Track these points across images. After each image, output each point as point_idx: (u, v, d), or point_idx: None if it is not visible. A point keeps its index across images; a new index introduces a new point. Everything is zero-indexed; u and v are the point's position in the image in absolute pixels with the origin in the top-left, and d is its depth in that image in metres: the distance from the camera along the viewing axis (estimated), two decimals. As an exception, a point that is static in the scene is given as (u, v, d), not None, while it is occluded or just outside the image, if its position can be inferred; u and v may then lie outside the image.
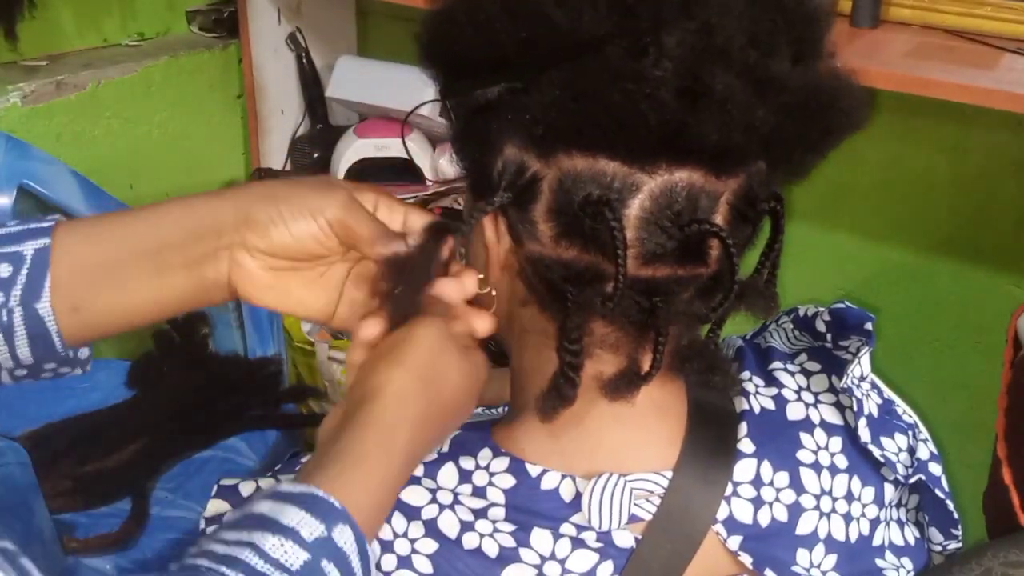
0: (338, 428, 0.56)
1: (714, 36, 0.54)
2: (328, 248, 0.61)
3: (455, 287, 0.62)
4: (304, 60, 1.82)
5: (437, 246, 0.62)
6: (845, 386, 0.66)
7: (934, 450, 0.70)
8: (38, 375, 0.62)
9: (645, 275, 0.58)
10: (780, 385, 0.68)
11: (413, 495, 0.61)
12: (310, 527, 0.50)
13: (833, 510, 0.64)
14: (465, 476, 0.62)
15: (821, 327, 0.71)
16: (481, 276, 0.63)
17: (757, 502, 0.62)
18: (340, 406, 0.58)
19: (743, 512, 0.62)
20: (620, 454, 0.63)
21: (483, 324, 0.62)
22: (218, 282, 0.61)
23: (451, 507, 0.61)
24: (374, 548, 0.59)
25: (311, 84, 1.83)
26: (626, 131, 0.55)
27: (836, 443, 0.66)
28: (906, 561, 0.68)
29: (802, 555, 0.63)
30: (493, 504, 0.61)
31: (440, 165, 1.69)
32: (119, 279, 0.60)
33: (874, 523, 0.66)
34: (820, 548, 0.63)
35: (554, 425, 0.62)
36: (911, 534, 0.69)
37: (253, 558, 0.49)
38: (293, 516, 0.51)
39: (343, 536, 0.51)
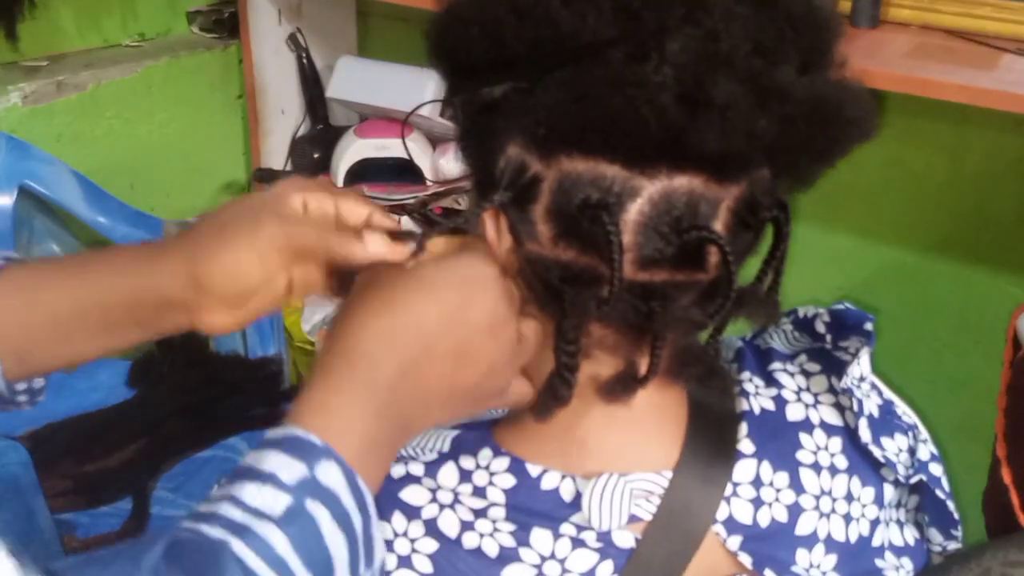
0: (311, 374, 0.55)
1: (719, 43, 0.54)
2: (277, 269, 0.60)
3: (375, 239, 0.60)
4: (304, 60, 1.82)
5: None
6: (845, 387, 0.66)
7: (934, 451, 0.70)
8: None
9: (642, 279, 0.58)
10: (780, 386, 0.68)
11: (413, 495, 0.61)
12: (290, 469, 0.48)
13: (833, 510, 0.64)
14: (465, 476, 0.62)
15: (821, 328, 0.71)
16: None
17: (757, 502, 0.63)
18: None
19: (743, 512, 0.62)
20: (620, 454, 0.63)
21: (482, 266, 0.59)
22: (177, 331, 0.61)
23: (451, 507, 0.61)
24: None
25: (311, 84, 1.83)
26: (626, 136, 0.55)
27: (836, 444, 0.66)
28: (906, 561, 0.68)
29: (802, 555, 0.63)
30: (493, 504, 0.61)
31: (440, 165, 1.70)
32: (67, 334, 0.59)
33: (874, 523, 0.66)
34: (820, 548, 0.64)
35: (554, 425, 0.62)
36: (911, 534, 0.70)
37: (231, 510, 0.47)
38: (272, 460, 0.49)
39: (328, 474, 0.49)
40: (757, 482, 0.63)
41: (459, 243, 0.61)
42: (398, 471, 0.62)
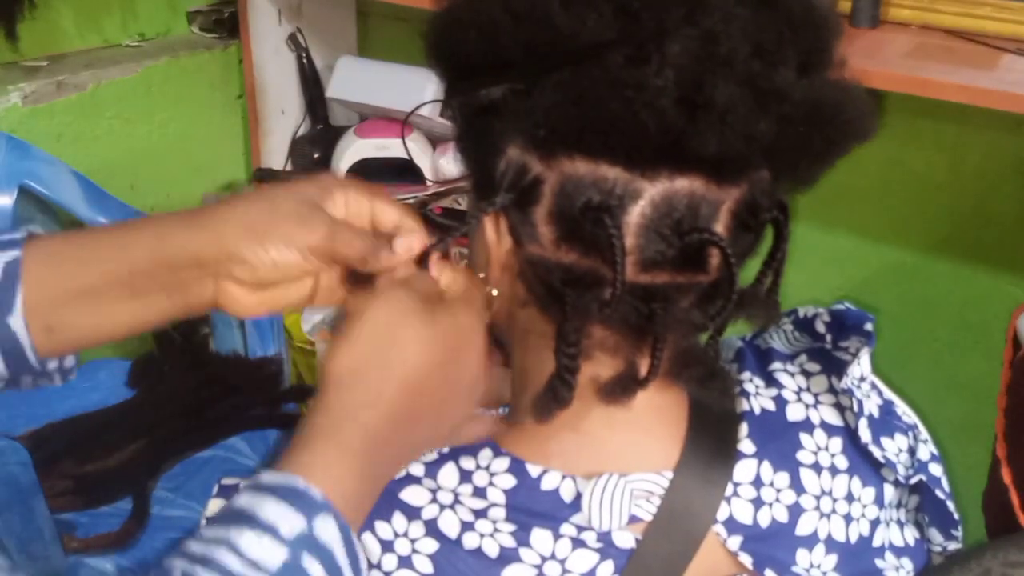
0: (307, 416, 0.55)
1: (718, 45, 0.54)
2: (312, 272, 0.61)
3: (404, 245, 0.60)
4: (304, 60, 1.82)
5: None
6: (845, 387, 0.66)
7: (935, 451, 0.70)
8: (17, 386, 0.61)
9: (644, 281, 0.58)
10: (780, 386, 0.68)
11: (413, 495, 0.61)
12: (289, 522, 0.49)
13: (833, 511, 0.64)
14: (465, 476, 0.62)
15: (821, 328, 0.71)
16: (483, 275, 0.64)
17: (757, 503, 0.63)
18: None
19: (743, 513, 0.62)
20: (620, 455, 0.63)
21: (447, 276, 0.60)
22: (202, 302, 0.60)
23: (451, 507, 0.61)
24: (370, 549, 0.60)
25: (311, 84, 1.83)
26: (626, 138, 0.55)
27: (836, 444, 0.66)
28: (906, 561, 0.68)
29: (802, 555, 0.63)
30: (493, 504, 0.61)
31: (440, 165, 1.70)
32: (93, 303, 0.59)
33: (874, 524, 0.66)
34: (820, 549, 0.64)
35: (554, 426, 0.62)
36: (911, 535, 0.70)
37: (229, 557, 0.47)
38: (271, 510, 0.49)
39: (326, 530, 0.49)
40: (757, 482, 0.63)
41: (462, 277, 0.61)
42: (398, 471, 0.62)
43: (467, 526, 0.60)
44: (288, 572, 0.48)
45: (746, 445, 0.64)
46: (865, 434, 0.65)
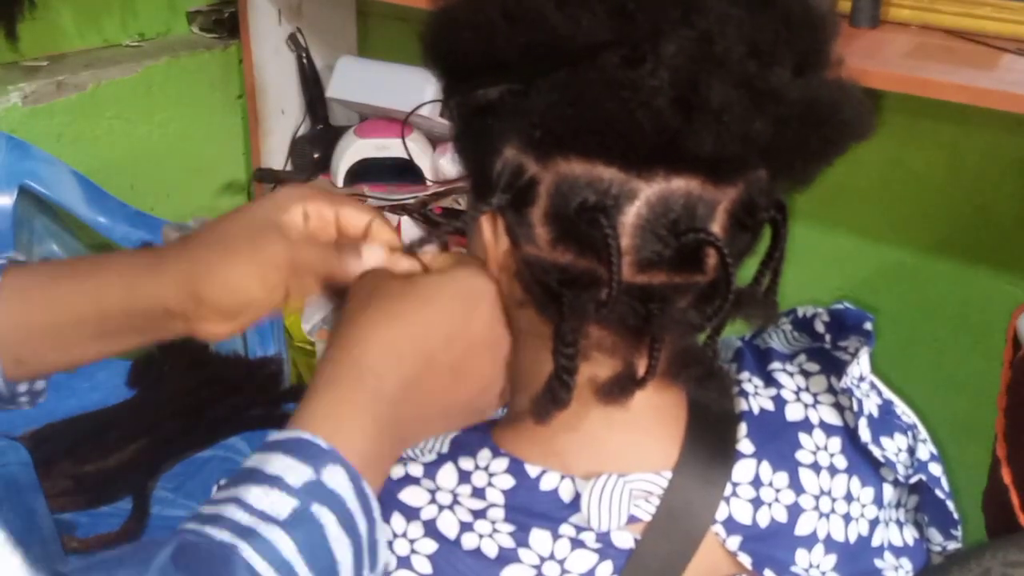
0: (314, 377, 0.55)
1: (713, 45, 0.54)
2: (277, 285, 0.60)
3: (373, 253, 0.61)
4: (304, 60, 1.82)
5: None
6: (844, 386, 0.66)
7: (934, 450, 0.70)
8: None
9: (641, 282, 0.58)
10: (779, 386, 0.68)
11: (412, 495, 0.61)
12: (296, 472, 0.48)
13: (832, 510, 0.64)
14: (464, 477, 0.62)
15: (820, 327, 0.71)
16: None
17: (756, 503, 0.63)
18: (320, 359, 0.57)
19: (742, 512, 0.62)
20: (619, 455, 0.63)
21: (479, 277, 0.60)
22: (175, 336, 0.61)
23: (450, 508, 0.61)
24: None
25: (311, 84, 1.83)
26: (622, 138, 0.55)
27: (835, 443, 0.66)
28: (905, 561, 0.68)
29: (801, 555, 0.63)
30: (492, 505, 0.61)
31: (440, 165, 1.70)
32: (64, 340, 0.60)
33: (873, 523, 0.66)
34: (819, 548, 0.64)
35: (553, 426, 0.62)
36: (910, 534, 0.69)
37: (237, 512, 0.47)
38: (278, 463, 0.49)
39: (334, 477, 0.49)
40: (756, 482, 0.63)
41: (455, 257, 0.61)
42: (397, 472, 0.62)
43: (466, 526, 0.60)
44: (298, 520, 0.48)
45: (745, 445, 0.64)
46: (865, 433, 0.65)
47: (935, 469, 0.69)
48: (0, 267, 0.59)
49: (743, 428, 0.64)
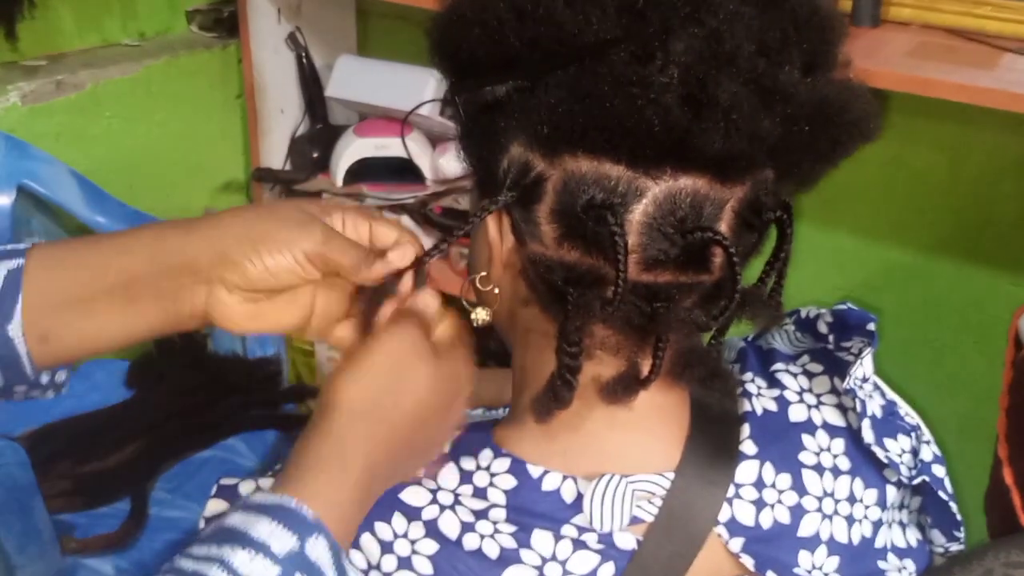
0: (303, 438, 0.56)
1: (722, 44, 0.54)
2: (305, 279, 0.61)
3: (426, 297, 0.62)
4: (304, 60, 1.81)
5: (419, 275, 0.63)
6: (847, 388, 0.66)
7: (937, 452, 0.70)
8: (9, 396, 0.61)
9: (647, 280, 0.58)
10: (782, 387, 0.67)
11: (414, 496, 0.61)
12: (281, 541, 0.49)
13: (835, 512, 0.64)
14: (466, 477, 0.62)
15: (823, 328, 0.71)
16: (484, 274, 0.63)
17: (759, 504, 0.62)
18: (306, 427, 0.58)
19: (745, 514, 0.62)
20: (622, 455, 0.63)
21: (451, 328, 0.62)
22: (193, 314, 0.61)
23: (452, 508, 0.60)
24: (369, 550, 0.59)
25: (311, 84, 1.83)
26: (630, 136, 0.54)
27: (838, 445, 0.66)
28: (908, 563, 0.68)
29: (804, 557, 0.63)
30: (494, 505, 0.61)
31: (440, 165, 1.69)
32: (88, 310, 0.59)
33: (876, 525, 0.66)
34: (822, 550, 0.63)
35: (555, 426, 0.62)
36: (913, 536, 0.69)
37: (221, 575, 0.48)
38: (264, 529, 0.49)
39: (316, 548, 0.50)
40: (759, 483, 0.63)
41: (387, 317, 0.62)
42: (398, 472, 0.62)
43: (467, 527, 0.60)
44: None
45: (748, 446, 0.63)
46: (868, 435, 0.65)
47: (938, 471, 0.69)
48: (23, 249, 0.59)
49: (746, 429, 0.64)
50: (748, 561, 0.61)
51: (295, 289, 0.62)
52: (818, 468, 0.65)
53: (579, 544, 0.59)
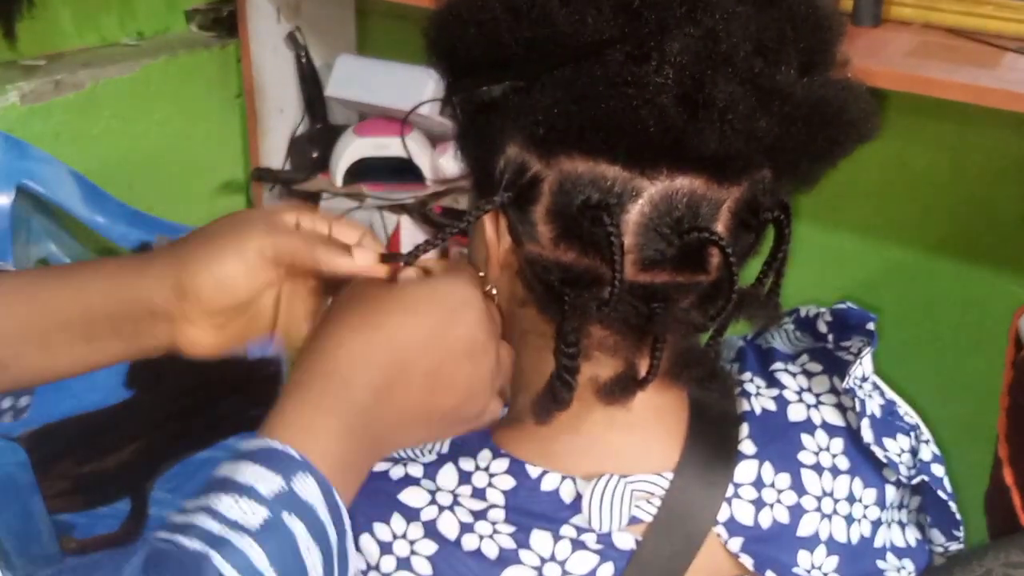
0: (296, 363, 0.54)
1: (719, 43, 0.54)
2: (263, 281, 0.59)
3: (363, 254, 0.59)
4: (303, 59, 1.81)
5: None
6: (847, 387, 0.65)
7: (936, 451, 0.70)
8: None
9: (643, 281, 0.58)
10: (781, 386, 0.67)
11: (412, 496, 0.61)
12: (267, 481, 0.48)
13: (834, 512, 0.64)
14: (465, 477, 0.62)
15: (822, 328, 0.71)
16: (481, 275, 0.63)
17: (758, 504, 0.62)
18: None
19: (744, 514, 0.62)
20: (620, 455, 0.63)
21: (471, 291, 0.59)
22: (158, 348, 0.60)
23: (451, 508, 0.60)
24: (368, 551, 0.59)
25: (310, 83, 1.83)
26: (626, 136, 0.54)
27: (837, 444, 0.66)
28: (907, 562, 0.68)
29: (803, 557, 0.63)
30: (493, 506, 0.60)
31: (439, 164, 1.69)
32: (45, 344, 0.59)
33: (875, 524, 0.66)
34: (821, 550, 0.63)
35: (554, 426, 0.61)
36: (912, 535, 0.69)
37: (208, 521, 0.47)
38: (248, 472, 0.49)
39: (305, 487, 0.49)
40: (758, 483, 0.63)
41: (444, 263, 0.61)
42: (397, 472, 0.62)
43: (466, 527, 0.59)
44: (270, 530, 0.48)
45: (747, 446, 0.63)
46: (867, 434, 0.65)
47: (937, 470, 0.69)
48: None
49: (745, 429, 0.64)
50: (747, 561, 0.61)
51: (257, 301, 0.60)
52: (817, 467, 0.64)
53: (578, 544, 0.59)
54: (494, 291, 0.63)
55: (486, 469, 0.62)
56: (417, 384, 0.55)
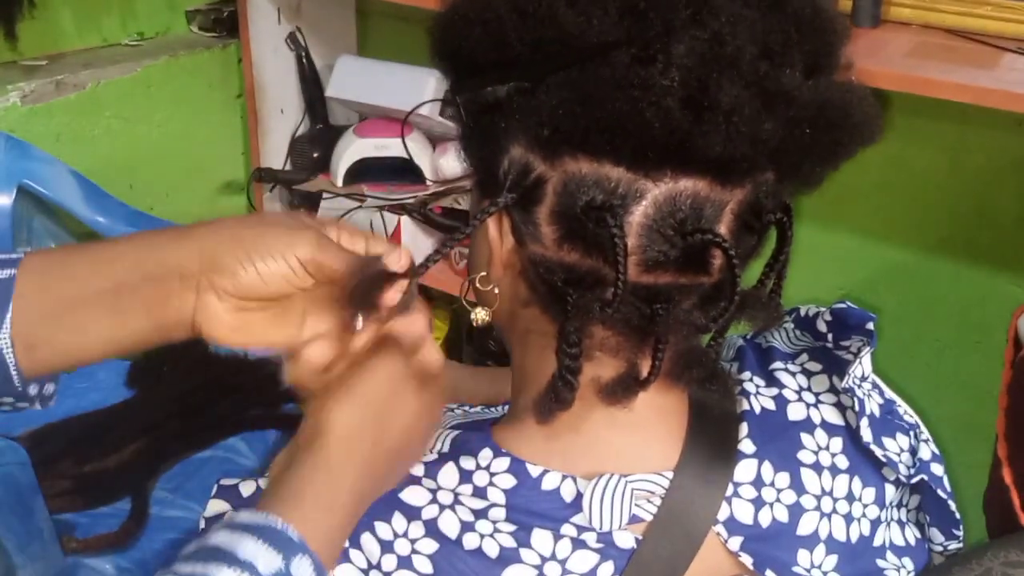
0: (288, 464, 0.56)
1: (724, 46, 0.54)
2: (297, 286, 0.60)
3: (411, 322, 0.61)
4: (304, 60, 1.81)
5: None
6: (846, 386, 0.66)
7: (936, 450, 0.70)
8: None
9: (646, 282, 0.58)
10: (781, 385, 0.67)
11: (413, 495, 0.61)
12: (266, 560, 0.49)
13: (834, 511, 0.64)
14: (466, 476, 0.62)
15: (822, 327, 0.71)
16: (484, 274, 0.63)
17: (758, 503, 0.62)
18: (291, 444, 0.58)
19: (744, 513, 0.62)
20: (621, 455, 0.63)
21: (437, 357, 0.63)
22: (180, 323, 0.60)
23: (451, 507, 0.60)
24: (369, 549, 0.59)
25: (311, 84, 1.83)
26: (631, 138, 0.54)
27: (837, 443, 0.66)
28: (907, 561, 0.68)
29: (803, 556, 0.63)
30: (494, 504, 0.61)
31: (440, 165, 1.69)
32: (77, 320, 0.59)
33: (875, 523, 0.66)
34: (821, 549, 0.63)
35: (555, 426, 0.62)
36: (912, 534, 0.69)
37: None
38: (249, 548, 0.50)
39: (301, 568, 0.51)
40: (758, 482, 0.63)
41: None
42: (398, 472, 0.62)
43: (467, 526, 0.60)
44: None
45: (746, 445, 0.64)
46: (866, 434, 0.65)
47: (936, 469, 0.69)
48: (16, 259, 0.59)
49: (744, 428, 0.64)
50: (747, 560, 0.62)
51: (286, 302, 0.61)
52: (816, 467, 0.65)
53: (578, 543, 0.59)
54: (496, 291, 0.63)
55: (487, 468, 0.62)
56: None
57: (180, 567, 0.50)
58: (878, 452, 0.65)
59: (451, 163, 1.68)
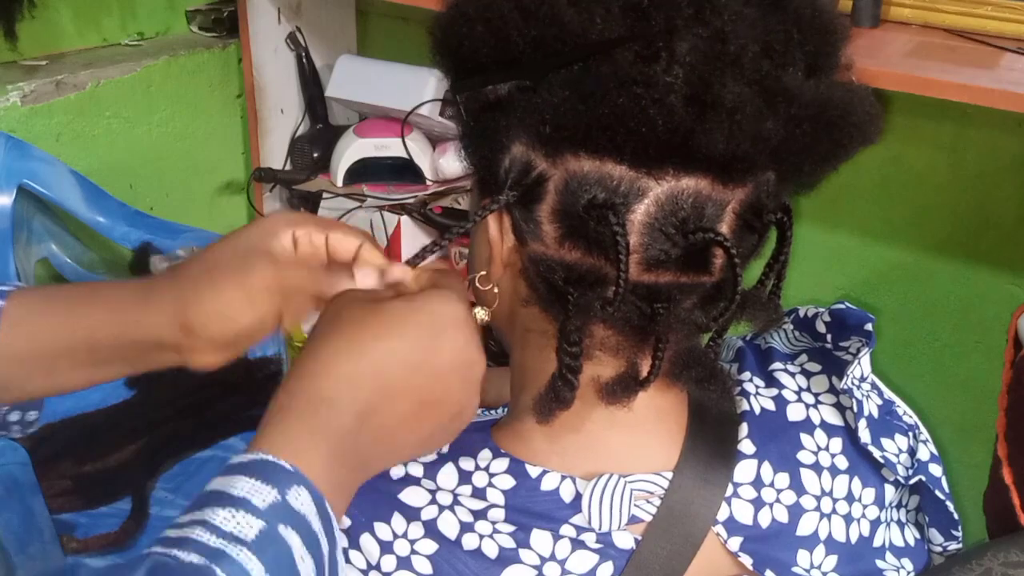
0: (283, 385, 0.54)
1: (727, 44, 0.54)
2: (268, 310, 0.60)
3: (364, 276, 0.60)
4: (304, 60, 1.82)
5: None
6: (845, 387, 0.66)
7: (934, 451, 0.70)
8: None
9: (647, 281, 0.58)
10: (780, 386, 0.67)
11: (413, 496, 0.61)
12: (262, 494, 0.49)
13: (833, 511, 0.64)
14: (465, 477, 0.62)
15: (821, 328, 0.71)
16: (484, 273, 0.63)
17: (757, 503, 0.62)
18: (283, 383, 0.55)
19: (743, 513, 0.62)
20: (620, 455, 0.63)
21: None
22: (165, 365, 0.62)
23: (451, 508, 0.60)
24: (368, 550, 0.59)
25: (311, 84, 1.83)
26: (633, 136, 0.54)
27: (836, 444, 0.66)
28: (906, 562, 0.68)
29: (802, 556, 0.63)
30: (493, 505, 0.61)
31: (440, 165, 1.69)
32: (51, 366, 0.60)
33: (874, 524, 0.66)
34: (820, 549, 0.63)
35: (554, 426, 0.62)
36: (911, 535, 0.69)
37: (205, 535, 0.47)
38: (243, 485, 0.49)
39: (299, 498, 0.50)
40: (758, 483, 0.63)
41: (433, 277, 0.60)
42: (397, 472, 0.62)
43: (466, 527, 0.60)
44: (265, 541, 0.48)
45: (746, 445, 0.64)
46: (865, 435, 0.65)
47: (935, 470, 0.69)
48: (5, 293, 0.60)
49: (744, 428, 0.64)
50: (746, 560, 0.62)
51: (260, 323, 0.61)
52: (816, 467, 0.65)
53: (578, 544, 0.59)
54: (496, 289, 0.63)
55: (486, 469, 0.62)
56: (404, 406, 0.55)
57: (181, 518, 0.49)
58: (876, 453, 0.65)
59: (451, 163, 1.68)
